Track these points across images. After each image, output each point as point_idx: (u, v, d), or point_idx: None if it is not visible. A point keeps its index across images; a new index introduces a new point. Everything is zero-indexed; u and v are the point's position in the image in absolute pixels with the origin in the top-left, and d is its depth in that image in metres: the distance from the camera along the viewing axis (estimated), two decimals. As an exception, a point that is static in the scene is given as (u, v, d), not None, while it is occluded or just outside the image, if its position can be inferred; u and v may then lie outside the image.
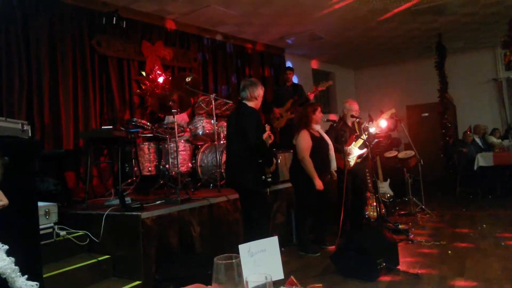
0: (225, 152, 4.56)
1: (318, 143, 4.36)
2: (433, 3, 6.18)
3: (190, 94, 4.94)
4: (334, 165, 4.50)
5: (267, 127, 3.73)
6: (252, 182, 3.49)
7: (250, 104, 3.63)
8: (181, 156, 4.92)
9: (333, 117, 8.78)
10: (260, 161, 3.49)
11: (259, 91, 3.65)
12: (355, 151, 4.78)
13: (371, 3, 6.02)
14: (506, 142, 7.54)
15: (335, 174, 4.63)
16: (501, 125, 9.06)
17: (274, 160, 3.66)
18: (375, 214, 5.10)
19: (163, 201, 3.93)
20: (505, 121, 9.28)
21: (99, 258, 3.37)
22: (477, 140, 7.94)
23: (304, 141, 4.31)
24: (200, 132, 5.17)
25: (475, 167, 7.14)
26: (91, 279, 3.27)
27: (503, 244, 4.24)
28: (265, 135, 3.61)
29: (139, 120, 4.72)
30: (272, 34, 7.36)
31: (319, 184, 4.25)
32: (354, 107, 4.96)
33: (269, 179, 3.55)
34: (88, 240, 3.55)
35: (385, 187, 6.19)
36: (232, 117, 3.80)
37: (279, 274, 1.27)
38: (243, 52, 7.63)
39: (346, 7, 6.15)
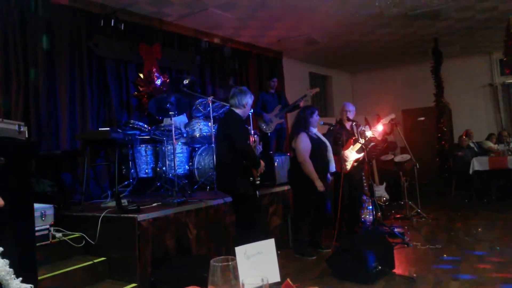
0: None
1: (317, 145, 4.37)
2: (429, 8, 6.23)
3: (188, 96, 4.95)
4: (332, 166, 4.52)
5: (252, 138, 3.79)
6: (240, 185, 3.58)
7: (238, 111, 3.72)
8: (178, 158, 4.91)
9: (330, 120, 8.79)
10: (246, 164, 3.57)
11: (248, 100, 3.73)
12: (352, 155, 4.80)
13: (368, 7, 6.06)
14: (502, 147, 7.58)
15: (331, 178, 4.64)
16: (496, 130, 9.09)
17: (262, 162, 3.70)
18: (371, 217, 5.12)
19: (160, 203, 3.92)
20: (500, 126, 9.34)
21: (95, 260, 3.36)
22: (472, 144, 7.98)
23: (303, 143, 4.32)
24: (197, 135, 5.17)
25: (471, 171, 7.16)
26: (87, 281, 3.26)
27: (498, 248, 4.26)
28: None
29: (136, 122, 4.72)
30: (270, 37, 7.38)
31: (320, 185, 4.26)
32: (350, 108, 5.03)
33: (258, 182, 3.62)
34: (84, 242, 3.54)
35: (381, 191, 6.21)
36: (220, 123, 3.91)
37: (275, 277, 1.27)
38: (240, 55, 7.64)
39: (342, 12, 6.19)
